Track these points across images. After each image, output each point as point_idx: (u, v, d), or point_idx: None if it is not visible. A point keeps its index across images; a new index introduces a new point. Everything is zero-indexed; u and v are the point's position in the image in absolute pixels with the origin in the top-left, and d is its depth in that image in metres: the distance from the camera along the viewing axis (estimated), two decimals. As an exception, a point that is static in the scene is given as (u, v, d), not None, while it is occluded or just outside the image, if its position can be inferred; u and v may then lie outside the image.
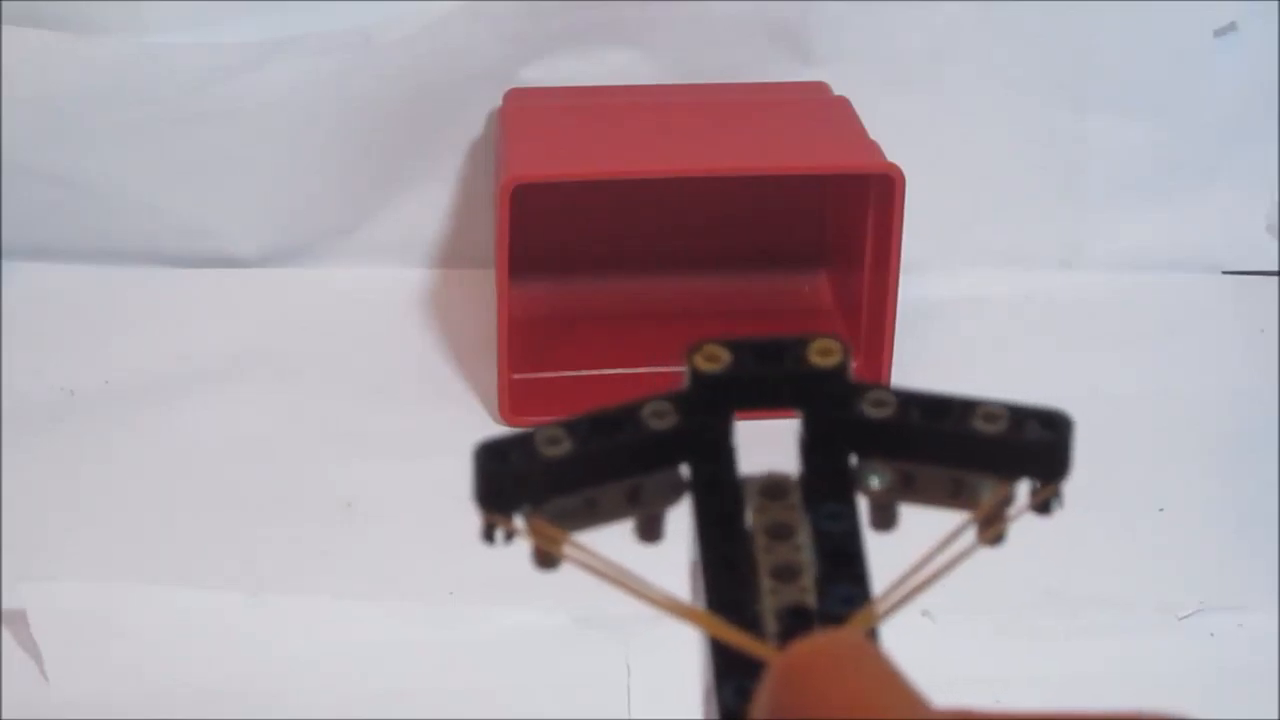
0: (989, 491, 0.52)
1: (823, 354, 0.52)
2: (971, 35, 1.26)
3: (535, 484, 0.51)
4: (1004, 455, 0.52)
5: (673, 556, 0.53)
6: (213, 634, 0.96)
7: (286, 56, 1.24)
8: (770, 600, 0.49)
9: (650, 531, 0.53)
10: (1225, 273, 1.32)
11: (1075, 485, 1.16)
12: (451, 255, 1.31)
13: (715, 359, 0.52)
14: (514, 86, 1.26)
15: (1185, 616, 0.98)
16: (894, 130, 1.17)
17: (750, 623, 0.48)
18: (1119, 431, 1.15)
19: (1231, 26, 1.27)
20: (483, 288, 1.23)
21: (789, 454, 0.53)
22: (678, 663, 0.93)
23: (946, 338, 1.24)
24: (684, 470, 0.53)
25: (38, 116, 1.24)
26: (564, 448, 0.51)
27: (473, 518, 0.50)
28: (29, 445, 1.11)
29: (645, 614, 1.00)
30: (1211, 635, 0.97)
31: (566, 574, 0.52)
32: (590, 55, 1.26)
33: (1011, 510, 0.52)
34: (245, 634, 0.96)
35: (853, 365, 0.52)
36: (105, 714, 0.91)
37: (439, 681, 0.93)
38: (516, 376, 1.16)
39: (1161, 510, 1.07)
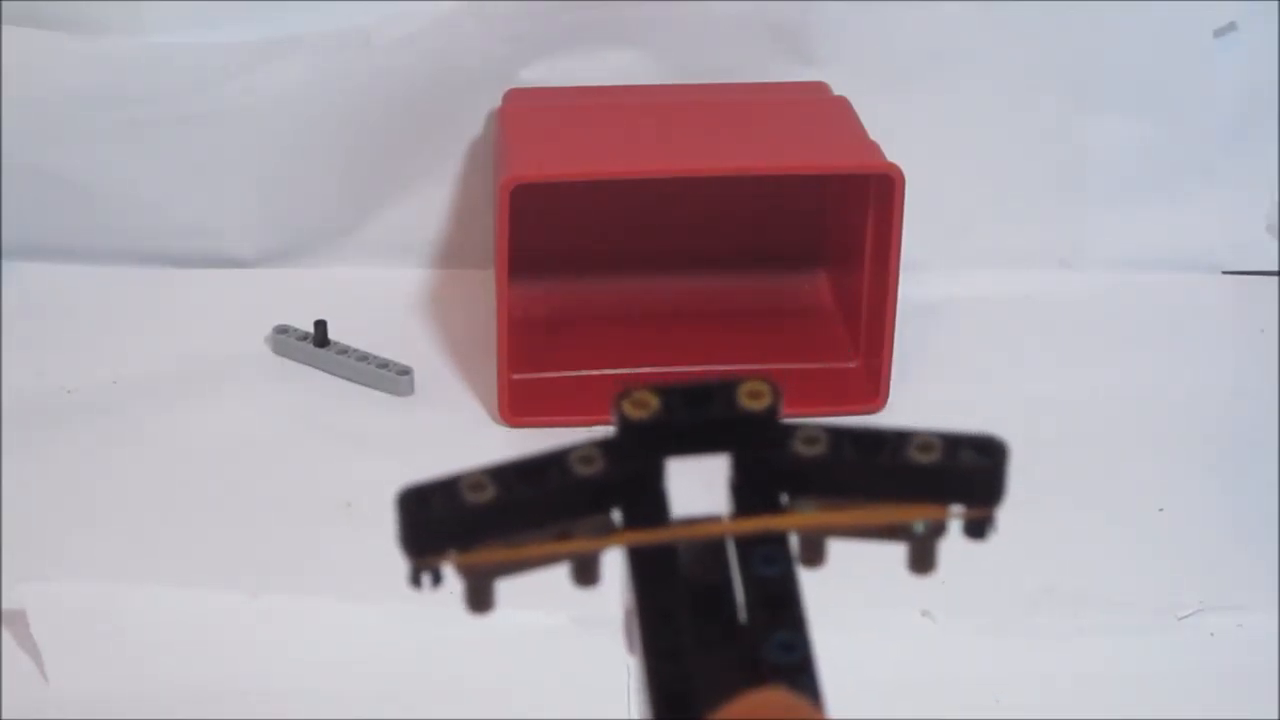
0: (921, 524, 0.51)
1: (752, 397, 0.51)
2: (971, 36, 1.26)
3: (459, 530, 0.50)
4: (939, 484, 0.51)
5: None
6: (213, 634, 0.96)
7: (286, 56, 1.24)
8: (704, 634, 0.49)
9: (586, 575, 0.52)
10: (1225, 273, 1.32)
11: (1075, 485, 1.17)
12: (451, 255, 1.31)
13: (643, 405, 0.51)
14: (514, 86, 1.26)
15: (1185, 616, 0.98)
16: (894, 130, 1.17)
17: (688, 669, 0.48)
18: (1118, 431, 1.15)
19: (1231, 27, 1.27)
20: (482, 288, 1.23)
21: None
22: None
23: (946, 337, 1.24)
24: (616, 515, 0.52)
25: (38, 117, 1.24)
26: (488, 494, 0.50)
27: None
28: (29, 445, 1.11)
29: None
30: (1211, 635, 0.97)
31: (565, 574, 0.52)
32: (590, 55, 1.26)
33: (944, 537, 0.52)
34: (245, 634, 0.96)
35: (781, 406, 0.51)
36: (105, 714, 0.91)
37: (439, 681, 0.93)
38: (516, 377, 1.16)
39: (1161, 510, 1.07)
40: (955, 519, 0.51)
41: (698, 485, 0.53)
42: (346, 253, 1.31)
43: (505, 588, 1.05)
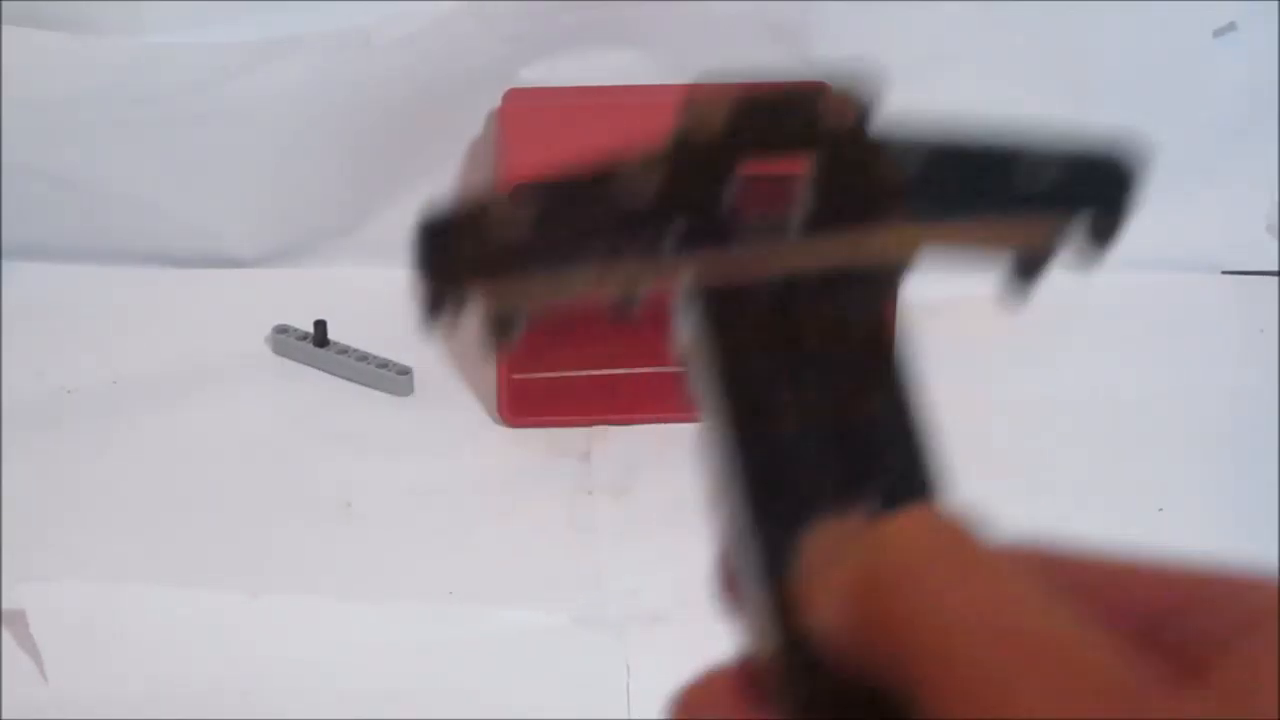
0: (1030, 235, 0.46)
1: (837, 107, 0.44)
2: (971, 36, 1.26)
3: (487, 265, 0.43)
4: (1055, 205, 0.45)
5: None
6: (213, 634, 0.96)
7: (286, 56, 1.24)
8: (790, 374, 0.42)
9: (626, 310, 0.44)
10: (1225, 272, 1.32)
11: (1075, 484, 1.16)
12: (451, 255, 1.31)
13: (709, 113, 0.44)
14: (513, 86, 1.26)
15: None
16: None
17: (777, 435, 0.41)
18: (1119, 431, 1.15)
19: (1231, 27, 1.27)
20: (483, 288, 1.23)
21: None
22: (677, 663, 0.93)
23: (947, 338, 1.24)
24: (673, 229, 0.44)
25: (38, 117, 1.24)
26: (521, 230, 0.43)
27: (474, 519, 0.49)
28: (29, 445, 1.11)
29: (645, 614, 1.00)
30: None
31: (570, 574, 0.52)
32: (590, 55, 1.26)
33: (1061, 248, 0.46)
34: (245, 634, 0.96)
35: (871, 118, 0.45)
36: (105, 714, 0.91)
37: (438, 681, 0.93)
38: (516, 376, 1.16)
39: (1161, 510, 1.07)
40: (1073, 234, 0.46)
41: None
42: (346, 252, 1.31)
43: (502, 588, 1.05)
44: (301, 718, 0.91)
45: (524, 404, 1.15)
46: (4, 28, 1.21)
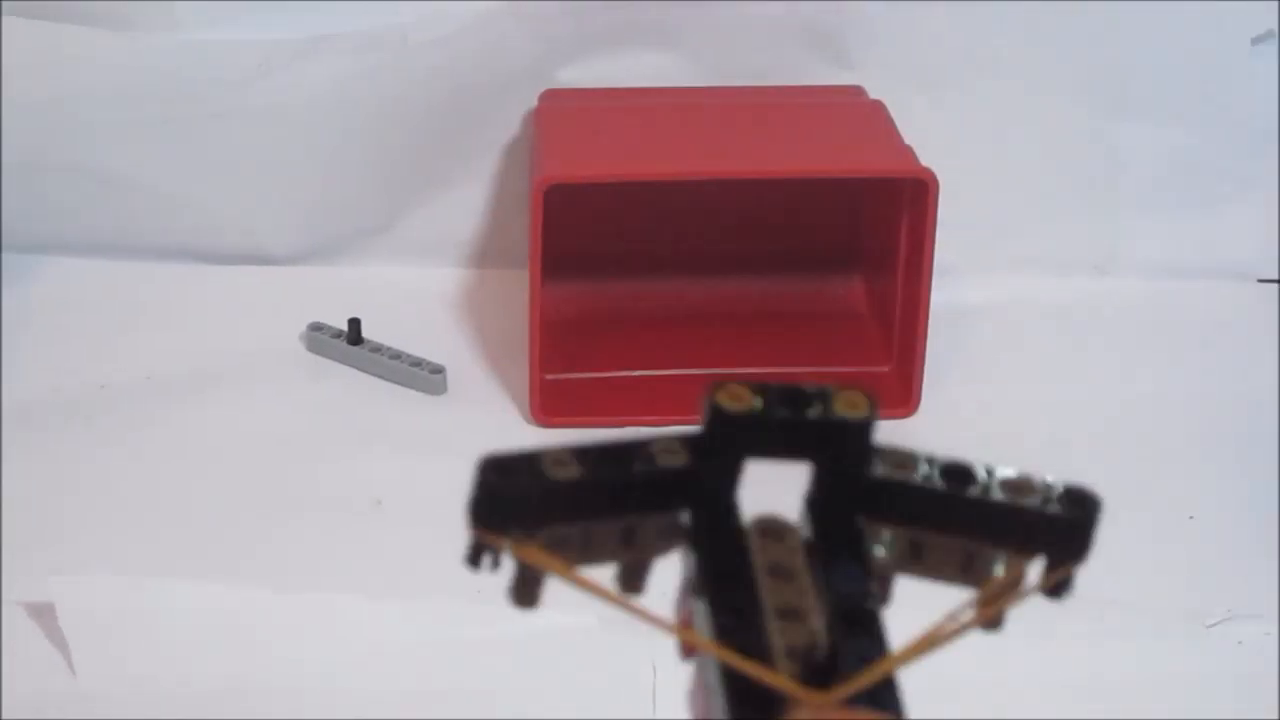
0: (1001, 569, 0.51)
1: (849, 406, 0.50)
2: (1007, 40, 1.26)
3: (535, 507, 0.50)
4: (1023, 530, 0.51)
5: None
6: (240, 631, 0.96)
7: (322, 55, 1.24)
8: (779, 639, 0.49)
9: (634, 580, 0.53)
10: (1260, 280, 1.32)
11: (1107, 490, 1.15)
12: (485, 255, 1.32)
13: (739, 399, 0.50)
14: (549, 87, 1.26)
15: (1213, 624, 0.98)
16: (928, 134, 1.17)
17: (762, 661, 0.48)
18: (1150, 438, 1.14)
19: (1269, 34, 1.27)
20: (516, 288, 1.23)
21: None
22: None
23: (979, 342, 1.24)
24: (683, 518, 0.52)
25: (74, 113, 1.25)
26: (571, 471, 0.50)
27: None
28: (63, 440, 1.12)
29: (671, 615, 1.00)
30: (1240, 644, 0.97)
31: (597, 575, 0.52)
32: (626, 57, 1.26)
33: (1021, 591, 0.51)
34: (272, 632, 0.96)
35: (876, 420, 0.50)
36: (132, 708, 0.91)
37: (465, 681, 0.93)
38: (548, 377, 1.16)
39: (1192, 518, 1.07)
40: (1033, 577, 0.51)
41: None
42: (381, 251, 1.31)
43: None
44: (327, 717, 0.91)
45: (557, 404, 1.15)
46: (40, 24, 1.22)
